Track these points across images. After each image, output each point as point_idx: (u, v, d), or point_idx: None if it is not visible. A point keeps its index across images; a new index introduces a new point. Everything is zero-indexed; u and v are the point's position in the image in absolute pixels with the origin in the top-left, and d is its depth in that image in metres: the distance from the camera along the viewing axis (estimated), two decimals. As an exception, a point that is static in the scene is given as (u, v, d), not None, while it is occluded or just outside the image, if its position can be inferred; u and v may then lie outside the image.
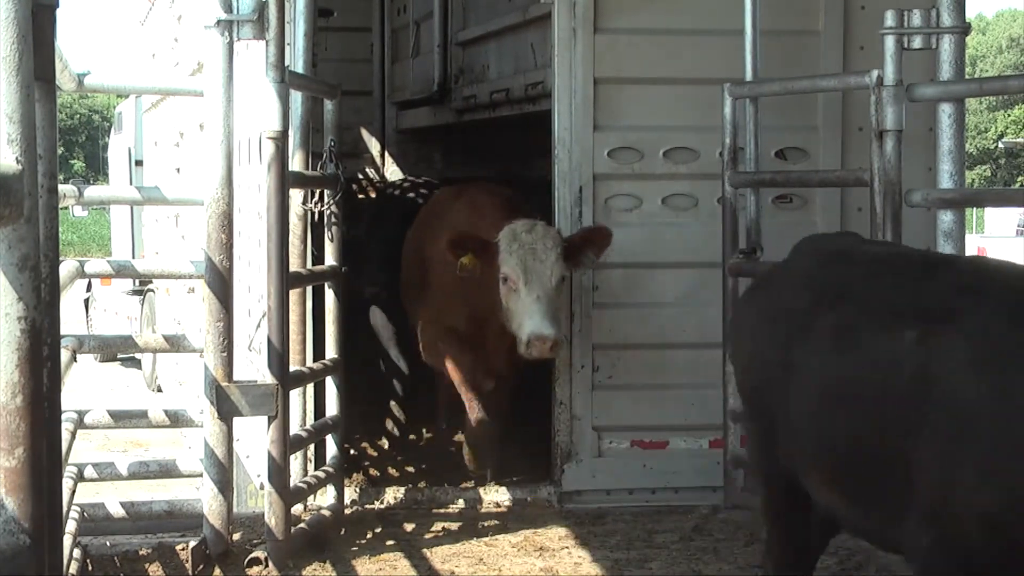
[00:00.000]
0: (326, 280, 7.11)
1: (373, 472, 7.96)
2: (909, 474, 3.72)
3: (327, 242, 7.08)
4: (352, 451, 8.29)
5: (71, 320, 17.05)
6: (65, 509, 5.51)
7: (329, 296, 7.13)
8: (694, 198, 7.39)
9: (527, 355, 6.40)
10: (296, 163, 6.60)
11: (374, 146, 11.52)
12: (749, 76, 6.96)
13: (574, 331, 7.23)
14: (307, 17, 6.58)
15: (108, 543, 6.28)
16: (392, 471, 8.12)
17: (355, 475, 7.61)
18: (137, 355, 16.33)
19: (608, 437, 7.32)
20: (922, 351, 3.78)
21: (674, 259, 7.36)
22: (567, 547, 6.54)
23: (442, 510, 7.21)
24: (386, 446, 8.74)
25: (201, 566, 6.13)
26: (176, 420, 6.68)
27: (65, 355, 5.65)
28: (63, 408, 4.63)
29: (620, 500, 7.16)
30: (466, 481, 7.55)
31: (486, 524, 6.84)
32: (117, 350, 13.83)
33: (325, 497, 7.00)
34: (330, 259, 7.07)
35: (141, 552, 6.23)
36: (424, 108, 10.64)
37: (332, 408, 7.10)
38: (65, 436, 5.30)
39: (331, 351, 7.10)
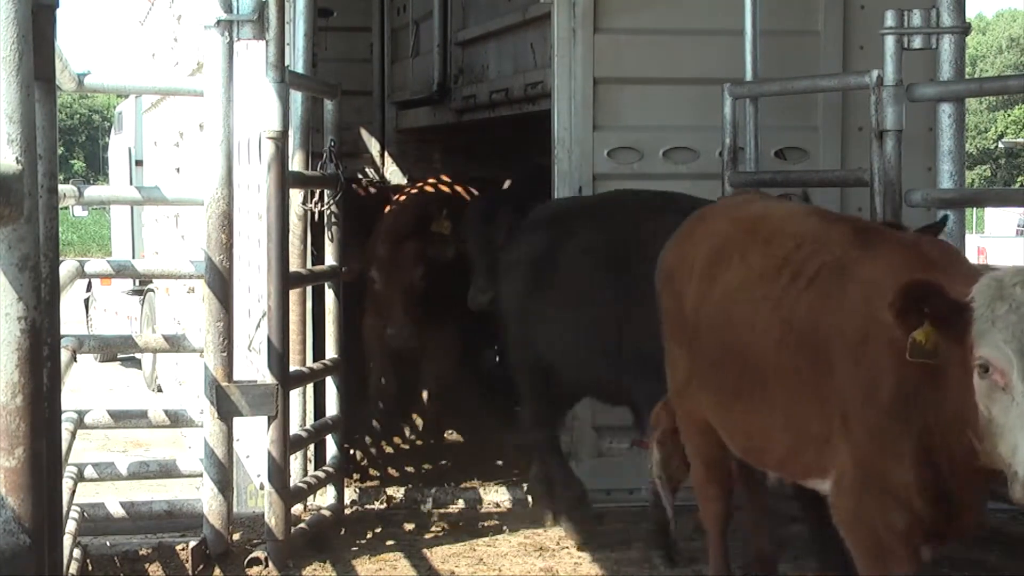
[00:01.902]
0: (326, 280, 7.11)
1: (373, 471, 7.96)
2: None
3: (327, 242, 7.08)
4: (352, 451, 8.29)
5: (71, 320, 17.04)
6: (65, 509, 5.51)
7: (329, 296, 7.13)
8: (694, 198, 7.38)
9: None
10: (296, 163, 6.60)
11: (374, 146, 11.52)
12: (749, 76, 6.96)
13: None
14: (307, 17, 6.58)
15: (108, 543, 6.28)
16: (392, 471, 8.13)
17: (355, 475, 7.60)
18: (137, 355, 16.33)
19: (608, 437, 7.32)
20: None
21: (674, 259, 7.34)
22: (567, 547, 6.54)
23: (442, 510, 7.21)
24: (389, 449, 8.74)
25: (201, 566, 6.12)
26: (176, 420, 6.69)
27: (65, 355, 5.64)
28: (63, 408, 4.63)
29: (620, 500, 7.14)
30: (466, 481, 7.55)
31: (486, 524, 6.84)
32: (117, 350, 13.82)
33: (325, 497, 7.00)
34: (330, 259, 7.07)
35: (141, 552, 6.23)
36: (424, 108, 10.64)
37: (332, 408, 7.10)
38: (65, 436, 5.30)
39: (331, 351, 7.11)
